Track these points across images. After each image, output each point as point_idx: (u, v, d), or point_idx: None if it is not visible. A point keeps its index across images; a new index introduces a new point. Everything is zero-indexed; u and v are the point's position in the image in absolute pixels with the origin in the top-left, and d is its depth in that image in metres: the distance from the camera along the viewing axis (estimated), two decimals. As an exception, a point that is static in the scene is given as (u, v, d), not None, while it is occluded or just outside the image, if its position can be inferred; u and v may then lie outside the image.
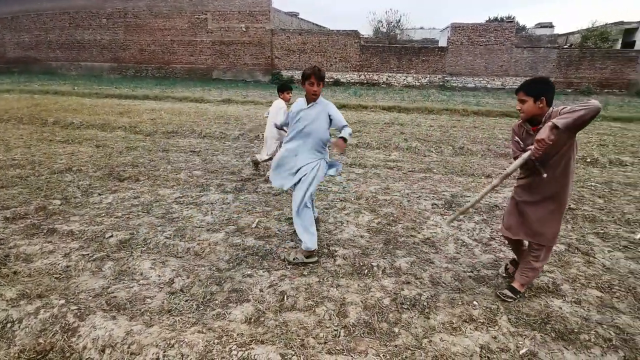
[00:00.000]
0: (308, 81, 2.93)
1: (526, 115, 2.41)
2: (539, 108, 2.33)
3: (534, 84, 2.35)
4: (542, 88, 2.32)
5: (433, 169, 6.00)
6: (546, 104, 2.32)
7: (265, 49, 24.04)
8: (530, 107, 2.35)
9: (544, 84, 2.35)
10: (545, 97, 2.31)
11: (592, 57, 21.52)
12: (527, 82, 2.39)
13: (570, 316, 2.48)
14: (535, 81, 2.37)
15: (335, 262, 3.09)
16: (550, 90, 2.33)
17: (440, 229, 3.82)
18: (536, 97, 2.31)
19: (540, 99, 2.31)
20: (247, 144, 7.49)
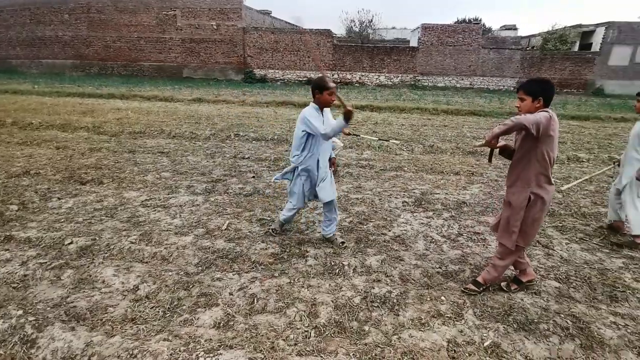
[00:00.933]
0: (328, 91, 3.01)
1: (523, 114, 2.44)
2: (535, 107, 2.40)
3: (534, 84, 2.41)
4: (541, 88, 2.39)
5: (404, 167, 6.11)
6: (543, 104, 2.39)
7: (237, 47, 23.67)
8: (527, 105, 2.42)
9: (544, 84, 2.41)
10: (542, 97, 2.37)
11: (552, 59, 22.63)
12: (528, 81, 2.45)
13: (531, 307, 2.59)
14: (536, 81, 2.43)
15: (307, 262, 3.08)
16: (548, 91, 2.39)
17: (411, 226, 3.90)
18: (534, 96, 2.38)
19: (538, 99, 2.38)
20: (218, 144, 7.34)
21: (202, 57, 24.06)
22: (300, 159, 3.19)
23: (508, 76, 23.06)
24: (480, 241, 3.59)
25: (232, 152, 6.72)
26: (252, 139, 7.87)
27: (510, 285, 2.81)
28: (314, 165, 3.19)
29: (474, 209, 4.41)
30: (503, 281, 2.84)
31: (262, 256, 3.15)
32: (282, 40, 23.50)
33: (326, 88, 3.00)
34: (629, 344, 2.25)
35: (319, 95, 3.04)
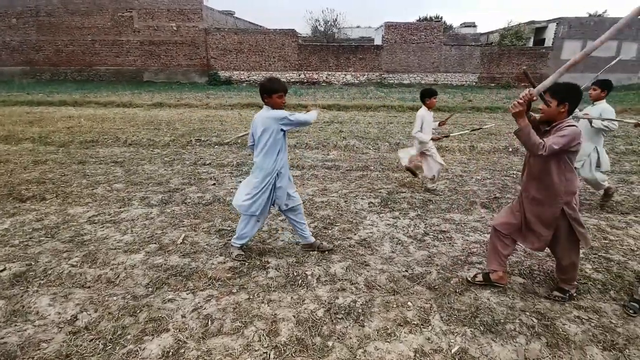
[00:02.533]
0: (277, 94, 2.83)
1: (545, 117, 2.36)
2: (560, 113, 2.29)
3: (564, 88, 2.28)
4: (569, 94, 2.27)
5: (370, 167, 6.04)
6: (568, 111, 2.29)
7: (200, 49, 23.01)
8: (552, 110, 2.30)
9: (573, 90, 2.29)
10: (569, 103, 2.27)
11: (510, 54, 23.56)
12: (557, 85, 2.30)
13: (497, 306, 2.54)
14: (566, 86, 2.29)
15: (268, 275, 2.90)
16: (576, 97, 2.28)
17: (377, 228, 3.80)
18: (561, 101, 2.26)
19: (564, 104, 2.27)
20: (178, 151, 6.99)
21: (163, 60, 23.20)
22: (279, 163, 2.94)
23: (470, 72, 23.77)
24: (446, 240, 3.54)
25: (193, 158, 6.40)
26: (215, 143, 7.56)
27: (476, 277, 2.78)
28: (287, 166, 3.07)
29: (439, 206, 4.38)
30: (477, 273, 2.84)
31: (219, 271, 2.93)
32: (246, 41, 23.07)
33: (275, 91, 2.81)
34: (594, 338, 2.24)
35: (268, 99, 2.84)
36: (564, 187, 2.34)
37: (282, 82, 2.86)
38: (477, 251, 3.32)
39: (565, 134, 2.21)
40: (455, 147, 7.37)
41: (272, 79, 2.84)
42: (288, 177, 3.07)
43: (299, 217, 3.18)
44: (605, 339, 2.22)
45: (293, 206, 3.11)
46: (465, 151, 7.24)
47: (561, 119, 2.32)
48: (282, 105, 2.87)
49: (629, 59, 23.84)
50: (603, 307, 2.55)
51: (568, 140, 2.20)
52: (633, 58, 23.87)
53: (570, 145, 2.22)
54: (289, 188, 3.07)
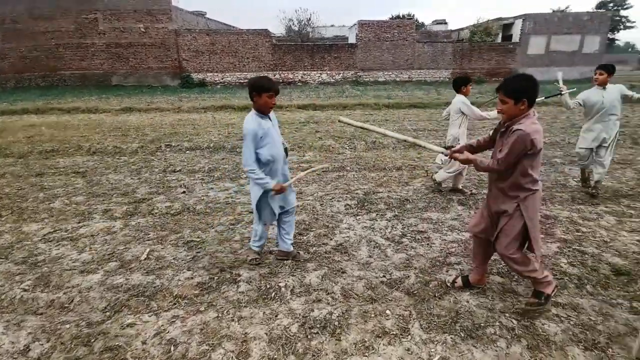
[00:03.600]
0: (268, 94, 2.62)
1: (507, 118, 2.16)
2: (520, 110, 2.11)
3: (514, 83, 2.09)
4: (523, 88, 2.07)
5: (347, 167, 5.94)
6: (528, 106, 2.09)
7: (171, 50, 22.36)
8: (510, 109, 2.12)
9: (526, 82, 2.08)
10: (527, 98, 2.07)
11: (480, 50, 24.08)
12: (507, 81, 2.12)
13: (477, 309, 2.46)
14: (516, 80, 2.10)
15: (238, 289, 2.73)
16: (532, 90, 2.08)
17: (354, 231, 3.68)
18: (517, 98, 2.07)
19: (522, 101, 2.07)
20: (147, 157, 6.67)
21: (131, 63, 22.40)
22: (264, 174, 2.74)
23: (442, 68, 24.14)
24: (424, 240, 3.46)
25: (162, 165, 6.11)
26: (186, 148, 7.28)
27: (455, 282, 2.70)
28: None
29: (417, 206, 4.32)
30: (456, 277, 2.74)
31: (186, 288, 2.74)
32: (219, 42, 22.59)
33: (265, 89, 2.61)
34: (574, 337, 2.19)
35: (257, 98, 2.65)
36: (519, 184, 2.19)
37: (274, 82, 2.70)
38: (455, 251, 3.25)
39: (511, 141, 2.06)
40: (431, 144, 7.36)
41: (264, 77, 2.69)
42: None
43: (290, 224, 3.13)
44: (586, 337, 2.18)
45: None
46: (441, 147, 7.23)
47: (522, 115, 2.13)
48: (271, 107, 2.71)
49: (591, 52, 24.85)
50: (581, 303, 2.51)
51: (515, 148, 2.05)
52: (595, 51, 24.89)
53: (520, 152, 2.06)
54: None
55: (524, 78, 2.10)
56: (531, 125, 2.06)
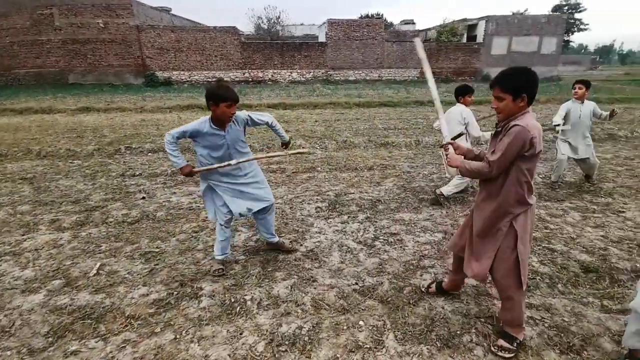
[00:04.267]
0: (225, 104, 2.47)
1: (503, 116, 1.88)
2: (519, 107, 1.83)
3: (513, 77, 1.82)
4: (523, 82, 1.80)
5: (317, 167, 5.79)
6: (527, 103, 1.83)
7: (133, 47, 21.36)
8: (507, 106, 1.83)
9: (525, 76, 1.81)
10: (527, 94, 1.79)
11: (447, 50, 24.69)
12: (504, 74, 1.84)
13: (452, 315, 2.38)
14: (515, 73, 1.82)
15: (200, 304, 2.50)
16: (532, 85, 1.81)
17: (325, 235, 3.53)
18: (515, 94, 1.80)
19: (521, 97, 1.80)
20: (104, 161, 6.22)
21: (90, 60, 21.22)
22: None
23: (411, 67, 24.55)
24: (397, 243, 3.36)
25: (120, 169, 5.71)
26: (148, 150, 6.87)
27: (430, 287, 2.59)
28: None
29: (389, 206, 4.23)
30: (430, 282, 2.63)
31: (140, 307, 2.48)
32: (185, 39, 21.82)
33: (223, 99, 2.44)
34: (549, 341, 2.14)
35: (215, 108, 2.49)
36: (514, 196, 1.89)
37: (233, 90, 2.53)
38: (428, 253, 3.17)
39: (507, 139, 1.79)
40: (401, 143, 7.36)
41: (222, 85, 2.53)
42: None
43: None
44: (561, 341, 2.13)
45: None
46: (412, 146, 7.25)
47: (520, 112, 1.86)
48: (230, 116, 2.54)
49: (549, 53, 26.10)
50: (554, 303, 2.49)
51: (511, 146, 1.77)
52: (553, 52, 26.16)
53: (517, 152, 1.78)
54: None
55: (523, 71, 1.82)
56: (531, 120, 1.80)
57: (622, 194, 4.57)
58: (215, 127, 2.60)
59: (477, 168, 1.93)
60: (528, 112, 1.85)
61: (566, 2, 47.79)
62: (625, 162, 5.95)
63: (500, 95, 1.85)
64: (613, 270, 2.83)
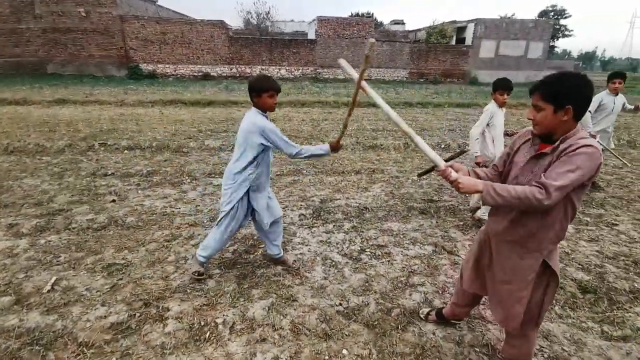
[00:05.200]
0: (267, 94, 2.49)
1: (540, 129, 1.54)
2: (562, 122, 1.47)
3: (558, 83, 1.46)
4: (569, 91, 1.44)
5: (302, 170, 5.54)
6: (572, 118, 1.47)
7: (116, 38, 20.64)
8: (547, 118, 1.49)
9: (574, 83, 1.45)
10: (573, 105, 1.44)
11: (436, 51, 24.71)
12: (548, 79, 1.49)
13: (444, 342, 2.17)
14: (562, 79, 1.46)
15: (165, 329, 2.23)
16: (581, 96, 1.45)
17: (308, 247, 3.29)
18: (558, 104, 1.45)
19: (566, 109, 1.45)
20: (75, 158, 5.83)
21: (70, 50, 20.43)
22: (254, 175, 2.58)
23: (400, 67, 24.48)
24: (384, 256, 3.15)
25: (92, 167, 5.34)
26: (124, 147, 6.49)
27: (429, 315, 2.34)
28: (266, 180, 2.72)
29: (376, 214, 4.02)
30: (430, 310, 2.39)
31: (95, 331, 2.19)
32: (171, 32, 21.21)
33: (265, 90, 2.47)
34: (549, 375, 1.96)
35: (258, 99, 2.51)
36: (557, 232, 1.55)
37: (274, 81, 2.54)
38: (418, 269, 2.97)
39: (579, 164, 1.39)
40: (390, 145, 7.17)
41: (262, 77, 2.54)
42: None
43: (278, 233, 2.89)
44: (562, 375, 1.96)
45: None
46: (400, 149, 7.07)
47: (566, 130, 1.49)
48: (273, 106, 2.57)
49: (535, 58, 26.43)
50: (552, 329, 2.31)
51: (584, 171, 1.40)
52: (539, 57, 26.50)
53: (587, 177, 1.43)
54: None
55: (573, 77, 1.46)
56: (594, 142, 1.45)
57: (613, 204, 4.48)
58: (264, 114, 2.59)
59: (523, 195, 1.43)
60: (580, 132, 1.49)
61: (552, 8, 48.60)
62: (615, 171, 5.89)
63: (539, 104, 1.50)
64: (611, 291, 2.68)
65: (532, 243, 1.59)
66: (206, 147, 6.69)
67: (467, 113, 11.98)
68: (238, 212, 2.61)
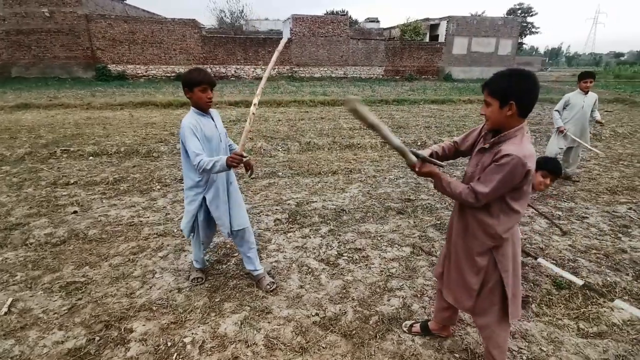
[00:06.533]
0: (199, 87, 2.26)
1: (491, 124, 1.59)
2: (507, 117, 1.52)
3: (503, 80, 1.51)
4: (513, 87, 1.47)
5: (278, 172, 5.41)
6: (517, 113, 1.51)
7: (81, 38, 19.81)
8: (494, 113, 1.54)
9: (517, 81, 1.48)
10: (515, 101, 1.47)
11: (410, 49, 24.99)
12: (496, 75, 1.55)
13: (424, 350, 2.12)
14: (507, 75, 1.51)
15: (127, 353, 2.07)
16: (524, 91, 1.48)
17: (283, 254, 3.18)
18: (503, 100, 1.49)
19: (509, 104, 1.49)
20: (35, 167, 5.48)
21: (34, 52, 19.49)
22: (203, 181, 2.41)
23: (376, 65, 24.62)
24: (362, 260, 3.08)
25: (52, 177, 5.03)
26: (89, 154, 6.17)
27: (412, 327, 2.25)
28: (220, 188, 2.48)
29: (353, 216, 3.95)
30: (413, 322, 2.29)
31: (53, 358, 2.02)
32: (140, 31, 20.53)
33: (196, 83, 2.25)
34: (528, 378, 1.93)
35: (190, 95, 2.30)
36: (501, 228, 1.60)
37: (206, 73, 2.31)
38: (396, 272, 2.91)
39: (504, 174, 1.47)
40: (367, 144, 7.13)
41: (195, 69, 2.30)
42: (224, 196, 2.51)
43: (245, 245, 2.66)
44: (541, 377, 1.93)
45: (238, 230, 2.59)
46: (377, 147, 7.05)
47: (512, 125, 1.54)
48: (207, 102, 2.32)
49: (505, 54, 27.16)
50: (529, 328, 2.30)
51: (504, 182, 1.48)
52: (508, 53, 27.25)
53: (510, 185, 1.49)
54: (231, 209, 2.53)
55: (516, 73, 1.50)
56: (524, 147, 1.48)
57: (583, 197, 4.58)
58: (200, 113, 2.37)
59: (458, 193, 1.59)
60: (522, 130, 1.53)
61: (519, 6, 50.15)
62: (582, 164, 6.06)
63: (488, 100, 1.55)
64: (585, 286, 2.70)
65: (480, 235, 1.66)
66: (178, 151, 6.44)
67: (442, 109, 12.13)
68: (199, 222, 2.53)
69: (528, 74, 1.49)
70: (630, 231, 3.66)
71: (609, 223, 3.84)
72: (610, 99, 14.68)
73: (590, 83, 4.73)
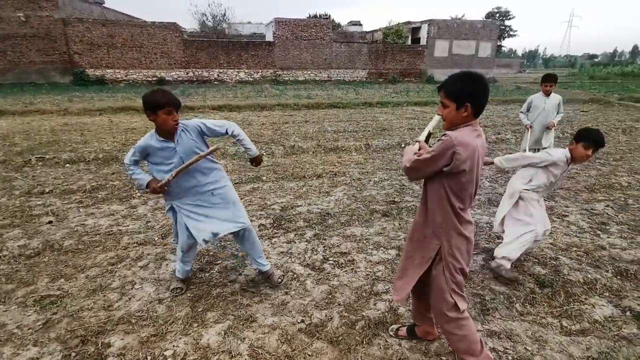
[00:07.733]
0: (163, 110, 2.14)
1: (448, 124, 1.69)
2: (463, 117, 1.62)
3: (458, 82, 1.61)
4: (467, 90, 1.59)
5: (262, 177, 5.34)
6: (472, 114, 1.61)
7: (58, 42, 19.32)
8: (451, 114, 1.64)
9: (471, 83, 1.60)
10: (470, 103, 1.58)
11: (393, 51, 25.27)
12: (451, 78, 1.65)
13: (411, 353, 2.10)
14: (461, 78, 1.61)
15: (105, 369, 1.99)
16: (478, 94, 1.60)
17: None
18: (459, 102, 1.60)
19: (464, 106, 1.59)
20: (9, 176, 5.26)
21: (9, 57, 18.93)
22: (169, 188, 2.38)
23: (359, 67, 24.79)
24: (348, 264, 3.06)
25: (27, 186, 4.84)
26: (66, 161, 5.97)
27: (399, 331, 2.22)
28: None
29: (339, 220, 3.92)
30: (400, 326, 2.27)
31: (22, 379, 1.91)
32: (119, 35, 20.13)
33: (160, 106, 2.13)
34: (514, 378, 1.93)
35: (154, 118, 2.18)
36: (440, 218, 1.70)
37: (170, 94, 2.19)
38: (382, 275, 2.89)
39: (434, 148, 1.60)
40: (351, 147, 7.14)
41: (157, 91, 2.17)
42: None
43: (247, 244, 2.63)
44: (526, 377, 1.94)
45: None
46: (361, 150, 7.06)
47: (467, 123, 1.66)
48: (173, 124, 2.21)
49: (485, 57, 27.76)
50: (514, 327, 2.31)
51: (435, 154, 1.58)
52: (488, 56, 27.86)
53: (437, 162, 1.59)
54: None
55: (469, 77, 1.61)
56: (466, 135, 1.60)
57: (562, 196, 4.68)
58: (163, 139, 2.27)
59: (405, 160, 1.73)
60: (470, 125, 1.65)
61: (497, 10, 51.42)
62: (562, 163, 6.20)
63: (445, 102, 1.66)
64: (567, 284, 2.75)
65: (430, 226, 1.76)
66: (159, 157, 6.30)
67: (425, 111, 12.28)
68: (177, 230, 2.51)
69: (480, 77, 1.61)
70: (608, 228, 3.75)
71: (587, 221, 3.93)
72: (586, 99, 15.15)
73: (551, 87, 4.74)
